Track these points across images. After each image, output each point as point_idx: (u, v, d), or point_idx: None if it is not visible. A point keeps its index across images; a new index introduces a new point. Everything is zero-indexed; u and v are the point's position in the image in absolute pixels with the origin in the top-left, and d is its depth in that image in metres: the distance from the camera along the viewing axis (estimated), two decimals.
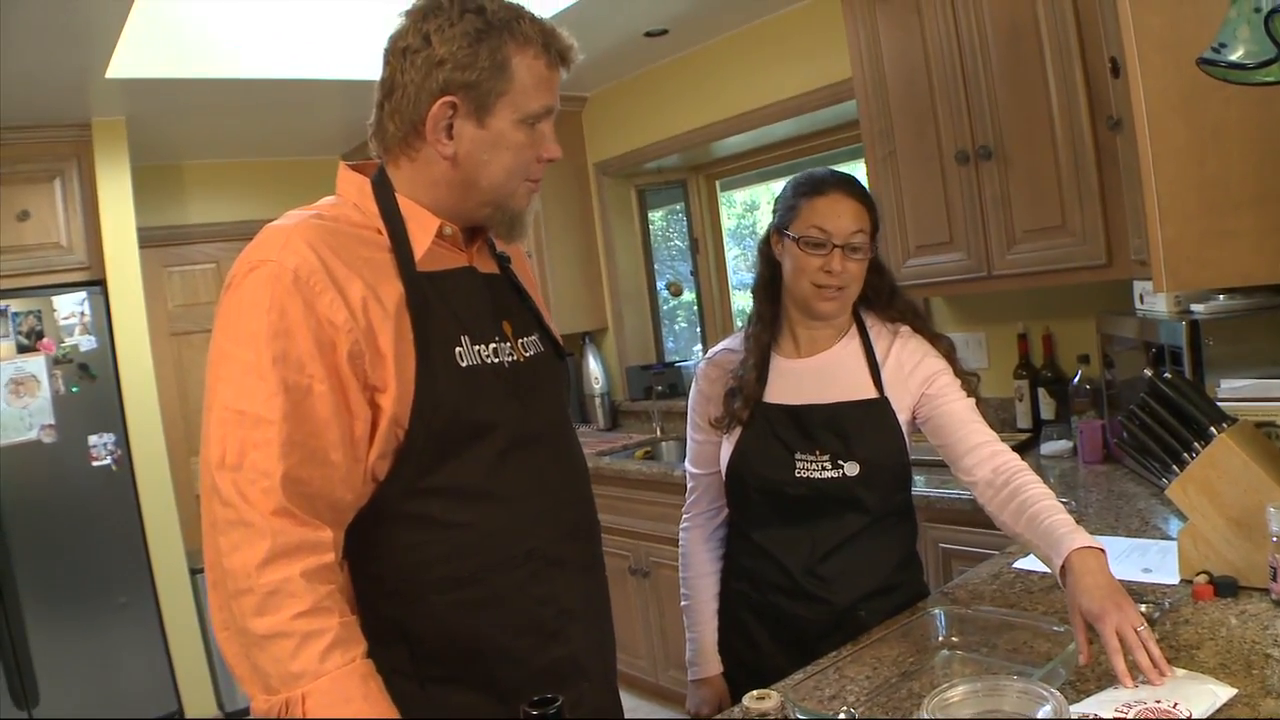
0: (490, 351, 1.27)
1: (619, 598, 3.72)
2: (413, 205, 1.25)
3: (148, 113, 3.89)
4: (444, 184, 1.25)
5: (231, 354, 1.11)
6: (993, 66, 2.54)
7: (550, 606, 1.29)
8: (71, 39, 2.97)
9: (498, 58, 1.19)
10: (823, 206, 1.60)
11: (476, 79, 1.19)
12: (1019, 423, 2.97)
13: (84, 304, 3.82)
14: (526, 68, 1.21)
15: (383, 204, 1.24)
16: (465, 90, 1.19)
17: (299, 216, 1.20)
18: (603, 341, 4.88)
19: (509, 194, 1.27)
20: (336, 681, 1.04)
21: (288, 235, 1.15)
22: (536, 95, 1.23)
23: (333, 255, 1.15)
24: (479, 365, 1.24)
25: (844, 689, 1.34)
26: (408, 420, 1.17)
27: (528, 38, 1.21)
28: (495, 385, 1.26)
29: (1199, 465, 1.53)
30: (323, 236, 1.16)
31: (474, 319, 1.27)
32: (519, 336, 1.34)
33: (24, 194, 3.82)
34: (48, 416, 3.72)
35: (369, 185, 1.26)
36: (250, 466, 1.07)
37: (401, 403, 1.16)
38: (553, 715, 0.72)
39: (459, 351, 1.23)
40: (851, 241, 1.59)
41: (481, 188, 1.25)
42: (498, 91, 1.20)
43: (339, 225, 1.20)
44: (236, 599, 1.05)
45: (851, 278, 1.61)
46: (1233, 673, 1.21)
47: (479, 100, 1.20)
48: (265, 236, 1.17)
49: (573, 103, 4.68)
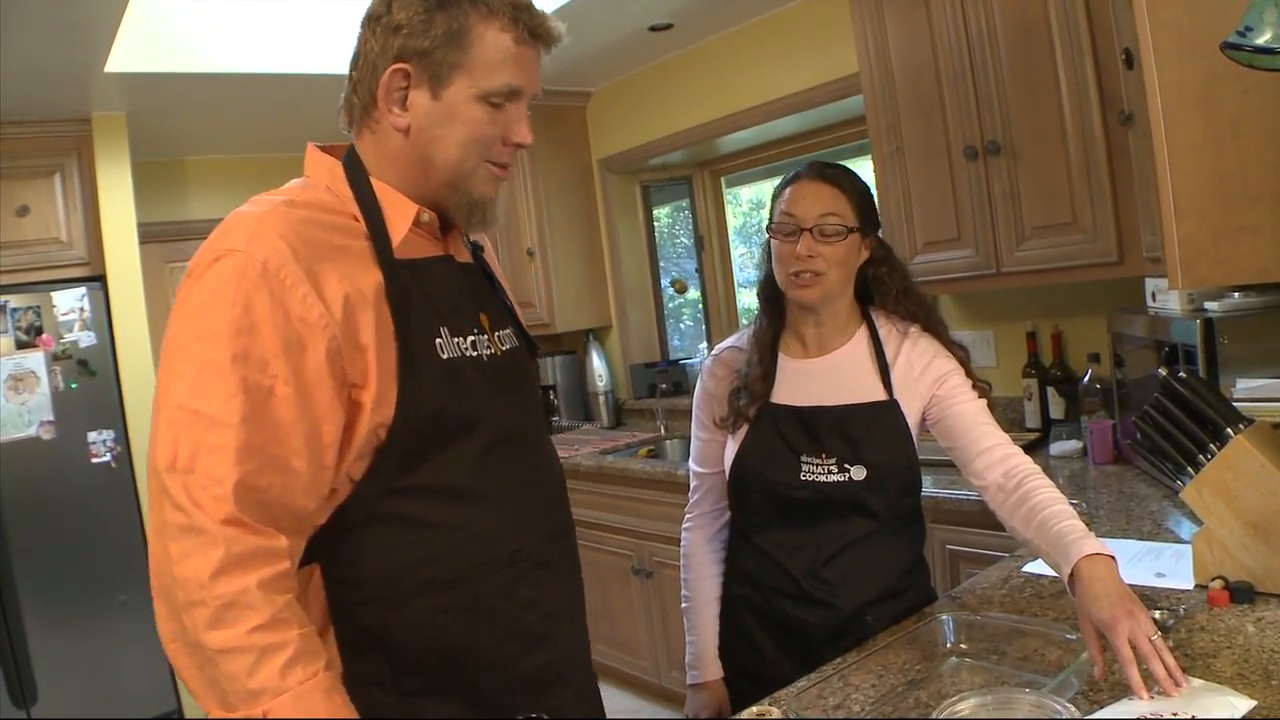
0: (469, 344, 1.22)
1: (622, 598, 3.73)
2: (388, 190, 1.19)
3: (148, 107, 3.87)
4: (402, 160, 1.19)
5: (188, 349, 1.04)
6: (1002, 60, 2.50)
7: (535, 610, 1.25)
8: (70, 33, 2.95)
9: (454, 26, 1.13)
10: (792, 193, 1.58)
11: (429, 46, 1.13)
12: (1028, 422, 2.93)
13: (84, 300, 3.80)
14: (490, 40, 1.15)
15: (356, 187, 1.18)
16: (419, 58, 1.14)
17: (269, 203, 1.13)
18: (607, 339, 4.85)
19: (466, 174, 1.20)
20: (299, 698, 0.98)
21: (257, 223, 1.08)
22: (499, 71, 1.16)
23: (305, 245, 1.09)
24: (459, 358, 1.19)
25: (849, 698, 1.31)
26: (390, 416, 1.11)
27: (492, 9, 1.15)
28: (477, 379, 1.21)
29: (1214, 467, 1.49)
30: (294, 225, 1.10)
31: (452, 310, 1.22)
32: (495, 330, 1.29)
33: (24, 189, 3.80)
34: (47, 413, 3.70)
35: (340, 168, 1.20)
36: (202, 471, 1.00)
37: (383, 398, 1.11)
38: None
39: (439, 343, 1.17)
40: (822, 225, 1.54)
41: (436, 165, 1.19)
42: (451, 62, 1.14)
43: (311, 212, 1.14)
44: (188, 610, 0.98)
45: (827, 263, 1.55)
46: (1250, 683, 1.17)
47: (432, 70, 1.14)
48: (232, 223, 1.10)
49: (577, 98, 4.66)
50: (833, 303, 1.62)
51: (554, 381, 4.88)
